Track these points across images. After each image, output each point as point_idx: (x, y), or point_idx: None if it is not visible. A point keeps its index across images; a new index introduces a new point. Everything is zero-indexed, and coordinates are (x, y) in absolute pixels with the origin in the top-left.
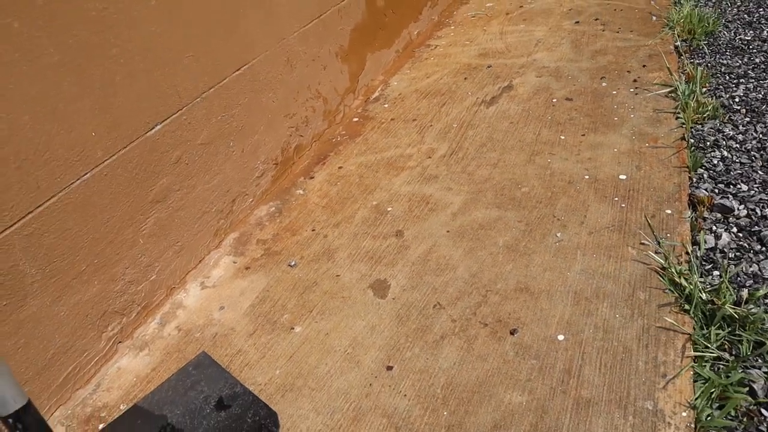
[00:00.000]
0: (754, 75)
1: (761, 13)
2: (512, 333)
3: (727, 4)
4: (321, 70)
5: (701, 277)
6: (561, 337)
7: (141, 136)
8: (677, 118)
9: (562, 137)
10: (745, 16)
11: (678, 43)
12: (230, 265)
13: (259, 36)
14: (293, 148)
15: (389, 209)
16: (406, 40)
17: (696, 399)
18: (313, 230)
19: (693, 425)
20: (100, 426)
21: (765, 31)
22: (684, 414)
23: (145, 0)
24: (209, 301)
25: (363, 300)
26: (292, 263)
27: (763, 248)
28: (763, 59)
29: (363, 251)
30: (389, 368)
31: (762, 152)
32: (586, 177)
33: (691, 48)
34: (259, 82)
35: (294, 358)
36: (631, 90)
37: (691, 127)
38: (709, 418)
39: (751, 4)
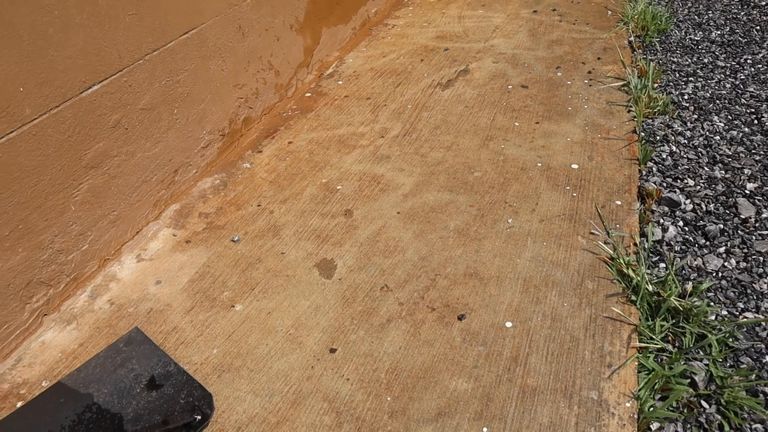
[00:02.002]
0: (702, 74)
1: (710, 15)
2: (460, 318)
3: (678, 4)
4: (274, 41)
5: (648, 268)
6: (509, 324)
7: (76, 96)
8: (629, 111)
9: (517, 124)
10: (695, 17)
11: (632, 39)
12: (169, 238)
13: (210, 0)
14: (241, 120)
15: (339, 187)
16: (363, 17)
17: (640, 390)
18: (259, 206)
19: (636, 416)
20: (19, 404)
21: (713, 33)
22: (628, 404)
23: None
24: (145, 274)
25: (308, 279)
26: (236, 239)
27: (707, 243)
28: (711, 59)
29: (310, 229)
30: (332, 351)
31: (708, 149)
32: (539, 164)
33: (644, 44)
34: (208, 48)
35: (233, 338)
36: (586, 81)
37: (642, 121)
38: (651, 408)
39: (700, 6)
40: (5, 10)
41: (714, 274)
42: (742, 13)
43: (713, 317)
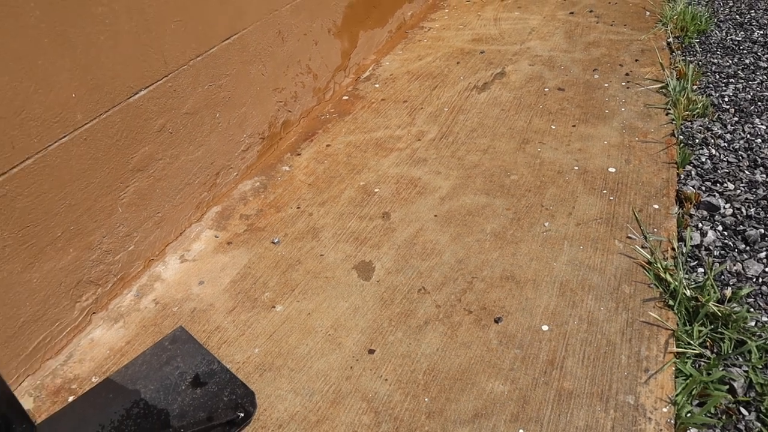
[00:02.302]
0: (743, 75)
1: (752, 14)
2: (496, 321)
3: (719, 3)
4: (312, 45)
5: (686, 273)
6: (545, 328)
7: (123, 101)
8: (667, 114)
9: (553, 127)
10: (737, 16)
11: (670, 40)
12: (212, 239)
13: (251, 5)
14: (281, 124)
15: (376, 190)
16: (399, 20)
17: (677, 395)
18: (299, 208)
19: (673, 421)
20: (70, 398)
21: (756, 33)
22: (665, 409)
23: None
24: (188, 275)
25: (347, 281)
26: (276, 240)
27: (748, 247)
28: (752, 60)
29: (348, 232)
30: (371, 351)
31: (749, 152)
32: (576, 168)
33: (683, 45)
34: (249, 53)
35: (274, 337)
36: (623, 83)
37: (681, 124)
38: (689, 414)
39: (742, 5)
40: (60, 21)
41: (754, 280)
42: None
43: (753, 323)
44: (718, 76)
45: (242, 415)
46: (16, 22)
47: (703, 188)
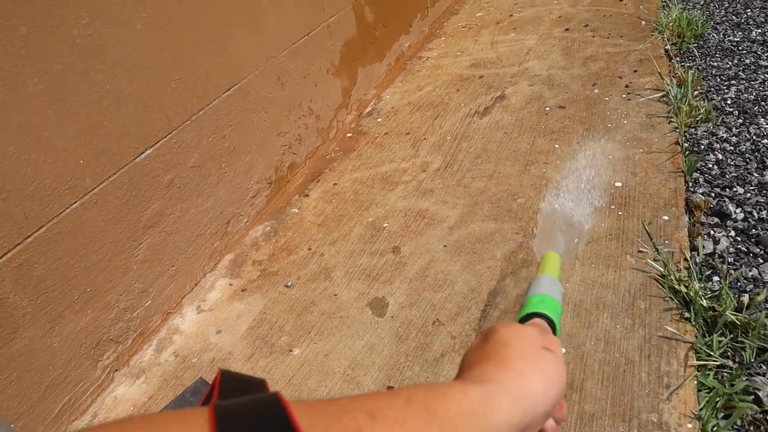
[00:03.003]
0: (744, 76)
1: (749, 14)
2: None
3: (714, 6)
4: (312, 86)
5: (701, 283)
6: (562, 351)
7: (130, 162)
8: (670, 122)
9: (557, 146)
10: (733, 17)
11: (668, 47)
12: (226, 288)
13: (249, 55)
14: (287, 167)
15: (385, 225)
16: (397, 53)
17: (701, 409)
18: (310, 249)
19: None
20: None
21: (754, 32)
22: (689, 425)
23: (130, 24)
24: (206, 325)
25: (361, 319)
26: (289, 284)
27: (762, 251)
28: (752, 60)
29: (360, 269)
30: (389, 389)
31: (756, 154)
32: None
33: (681, 51)
34: (250, 101)
35: (293, 382)
36: (624, 96)
37: (685, 131)
38: (714, 428)
39: (738, 5)
40: (62, 91)
41: None
42: None
43: None
44: (719, 80)
45: None
46: (20, 95)
47: (713, 195)
